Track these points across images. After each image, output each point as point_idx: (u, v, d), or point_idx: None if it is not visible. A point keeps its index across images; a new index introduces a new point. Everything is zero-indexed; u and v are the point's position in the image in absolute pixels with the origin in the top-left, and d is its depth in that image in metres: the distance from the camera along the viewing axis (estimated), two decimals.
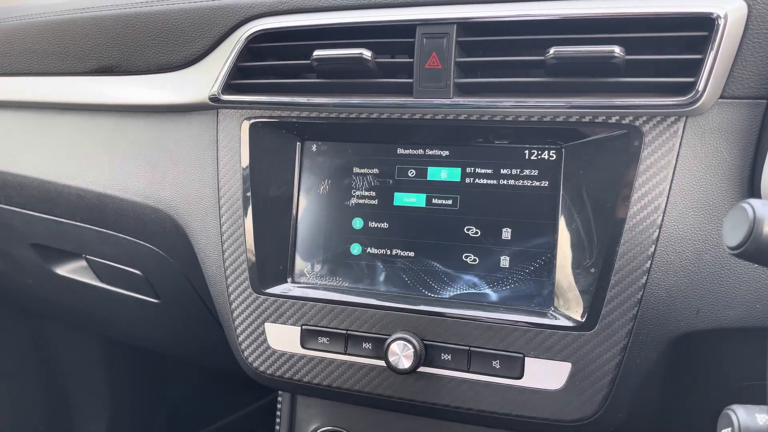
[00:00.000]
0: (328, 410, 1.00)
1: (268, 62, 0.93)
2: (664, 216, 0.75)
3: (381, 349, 0.84)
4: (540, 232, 0.83)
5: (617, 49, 0.72)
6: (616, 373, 0.77)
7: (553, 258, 0.82)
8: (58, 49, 1.09)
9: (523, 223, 0.84)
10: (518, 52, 0.82)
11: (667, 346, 0.78)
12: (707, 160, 0.75)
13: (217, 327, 1.02)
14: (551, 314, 0.80)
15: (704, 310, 0.75)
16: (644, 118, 0.76)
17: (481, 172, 0.86)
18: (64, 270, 1.33)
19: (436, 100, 0.83)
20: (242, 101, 0.93)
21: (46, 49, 1.11)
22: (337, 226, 0.92)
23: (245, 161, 0.93)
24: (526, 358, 0.80)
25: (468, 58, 0.82)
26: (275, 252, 0.93)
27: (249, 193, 0.92)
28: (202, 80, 0.96)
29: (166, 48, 1.00)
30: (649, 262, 0.75)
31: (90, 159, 1.09)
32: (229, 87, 0.94)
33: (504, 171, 0.85)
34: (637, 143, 0.76)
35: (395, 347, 0.82)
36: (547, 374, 0.79)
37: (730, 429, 0.49)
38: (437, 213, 0.87)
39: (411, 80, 0.83)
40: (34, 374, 1.81)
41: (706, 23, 0.72)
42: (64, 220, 1.17)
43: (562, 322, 0.79)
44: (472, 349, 0.82)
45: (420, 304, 0.85)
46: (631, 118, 0.76)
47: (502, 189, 0.85)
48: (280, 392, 1.04)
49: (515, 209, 0.84)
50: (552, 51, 0.75)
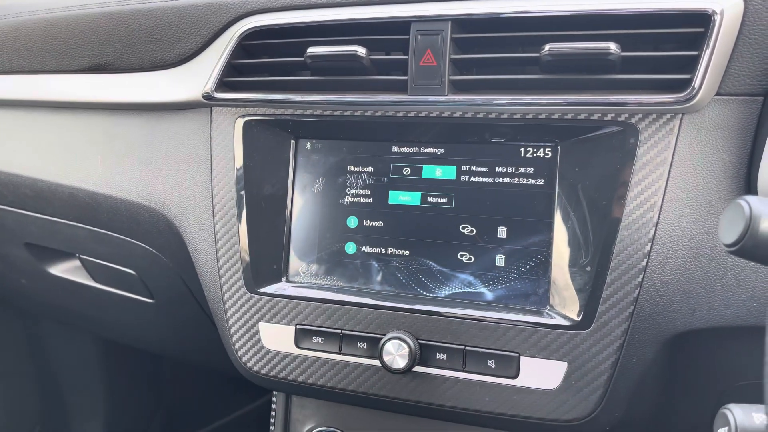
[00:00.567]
0: (323, 410, 1.00)
1: (261, 60, 0.93)
2: (660, 214, 0.75)
3: (376, 349, 0.84)
4: (535, 231, 0.82)
5: (613, 46, 0.72)
6: (612, 373, 0.77)
7: (549, 256, 0.81)
8: (51, 46, 1.08)
9: (518, 222, 0.83)
10: (513, 48, 0.82)
11: (664, 345, 0.77)
12: (703, 158, 0.74)
13: (212, 327, 1.01)
14: (547, 313, 0.80)
15: (700, 308, 0.75)
16: (640, 116, 0.76)
17: (477, 170, 0.85)
18: (58, 270, 1.32)
19: (430, 98, 0.82)
20: (236, 99, 0.92)
21: (38, 46, 1.10)
22: (332, 224, 0.91)
23: (239, 159, 0.93)
24: (521, 358, 0.79)
25: (463, 55, 0.81)
26: (269, 251, 0.93)
27: (243, 192, 0.92)
28: (196, 78, 0.96)
29: (159, 45, 0.99)
30: (646, 260, 0.75)
31: (83, 157, 1.08)
32: (222, 85, 0.93)
33: (499, 169, 0.84)
34: (633, 140, 0.76)
35: (390, 347, 0.82)
36: (542, 374, 0.79)
37: (726, 428, 0.49)
38: (432, 211, 0.87)
39: (406, 77, 0.83)
40: (30, 375, 1.80)
41: (702, 20, 0.71)
42: (57, 219, 1.17)
43: (558, 321, 0.79)
44: (467, 348, 0.82)
45: (415, 303, 0.85)
46: (627, 115, 0.76)
47: (498, 187, 0.84)
48: (274, 392, 1.03)
49: (511, 207, 0.83)
50: (547, 48, 0.74)
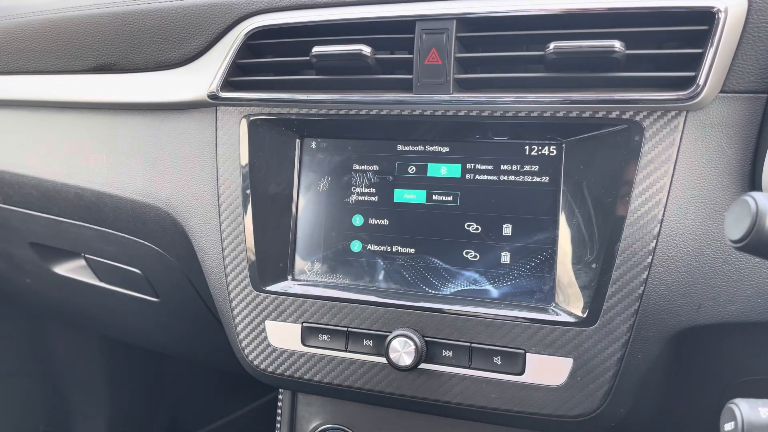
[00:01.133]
0: (329, 408, 1.00)
1: (267, 59, 0.93)
2: (665, 211, 0.75)
3: (382, 346, 0.84)
4: (541, 228, 0.83)
5: (617, 44, 0.72)
6: (617, 369, 0.77)
7: (554, 254, 0.81)
8: (56, 47, 1.09)
9: (523, 219, 0.83)
10: (518, 47, 0.82)
11: (669, 341, 0.78)
12: (708, 155, 0.74)
13: (218, 325, 1.01)
14: (552, 310, 0.80)
15: (706, 304, 0.75)
16: (645, 113, 0.76)
17: (482, 168, 0.86)
18: (63, 269, 1.33)
19: (435, 96, 0.82)
20: (241, 98, 0.93)
21: (43, 47, 1.10)
22: (337, 223, 0.92)
23: (244, 159, 0.93)
24: (527, 354, 0.80)
25: (468, 54, 0.82)
26: (275, 249, 0.93)
27: (248, 191, 0.92)
28: (201, 78, 0.96)
29: (165, 45, 1.00)
30: (651, 257, 0.75)
31: (88, 157, 1.09)
32: (227, 84, 0.93)
33: (504, 167, 0.85)
34: (637, 138, 0.76)
35: (396, 344, 0.82)
36: (548, 370, 0.79)
37: (733, 423, 0.49)
38: (437, 209, 0.87)
39: (410, 76, 0.83)
40: (34, 374, 1.81)
41: (706, 17, 0.71)
42: (62, 219, 1.17)
43: (564, 317, 0.79)
44: (473, 345, 0.82)
45: (421, 301, 0.85)
46: (632, 113, 0.76)
47: (503, 185, 0.85)
48: (280, 390, 1.03)
49: (516, 205, 0.84)
50: (552, 46, 0.74)
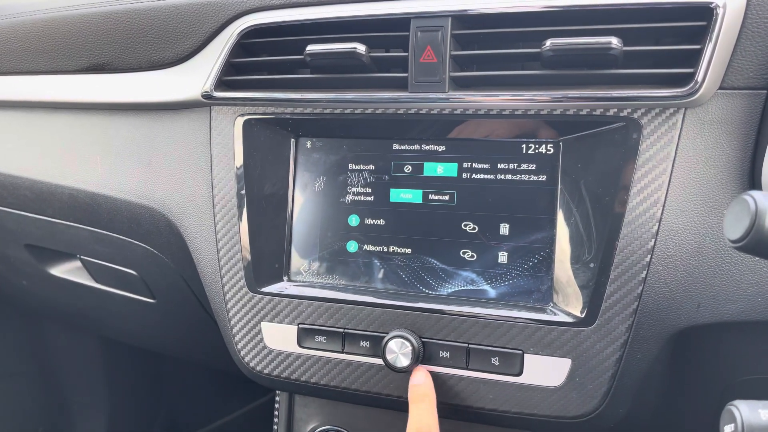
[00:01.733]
0: (326, 409, 0.99)
1: (260, 58, 0.92)
2: (663, 209, 0.74)
3: (379, 347, 0.84)
4: (538, 227, 0.82)
5: (614, 40, 0.71)
6: (616, 369, 0.76)
7: (552, 253, 0.81)
8: (49, 47, 1.08)
9: (521, 219, 0.83)
10: (514, 44, 0.81)
11: (668, 341, 0.77)
12: (707, 152, 0.74)
13: (214, 326, 1.01)
14: (550, 310, 0.80)
15: (705, 304, 0.74)
16: (642, 110, 0.75)
17: (478, 167, 0.85)
18: (59, 271, 1.32)
19: (431, 95, 0.81)
20: (235, 98, 0.92)
21: (36, 47, 1.09)
22: (333, 223, 0.91)
23: (239, 159, 0.92)
24: (525, 355, 0.79)
25: (463, 52, 0.81)
26: (271, 250, 0.92)
27: (243, 191, 0.91)
28: (195, 77, 0.95)
29: (158, 45, 0.99)
30: (649, 256, 0.74)
31: (82, 158, 1.08)
32: (221, 84, 0.93)
33: (501, 166, 0.84)
34: (635, 136, 0.75)
35: (393, 345, 0.81)
36: (546, 371, 0.78)
37: (732, 425, 0.48)
38: (434, 209, 0.86)
39: (406, 74, 0.82)
40: (33, 375, 1.80)
41: (704, 13, 0.71)
42: (57, 221, 1.16)
43: (562, 317, 0.78)
44: (470, 346, 0.81)
45: (417, 301, 0.84)
46: (629, 110, 0.75)
47: (500, 184, 0.84)
48: (277, 391, 1.03)
49: (513, 204, 0.83)
50: (548, 43, 0.73)
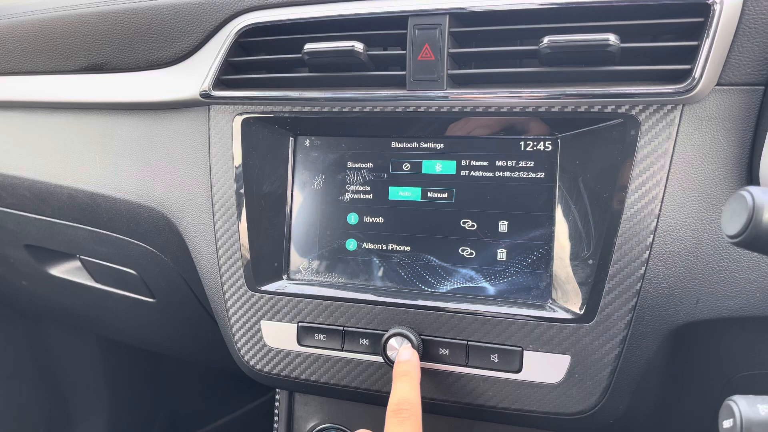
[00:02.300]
0: (326, 407, 1.00)
1: (258, 57, 0.92)
2: (661, 206, 0.74)
3: (378, 345, 0.84)
4: (537, 224, 0.82)
5: (612, 37, 0.72)
6: (615, 365, 0.76)
7: (551, 250, 0.81)
8: (47, 47, 1.08)
9: (519, 216, 0.83)
10: (512, 42, 0.81)
11: (667, 337, 0.77)
12: (705, 148, 0.74)
13: (214, 325, 1.01)
14: (549, 307, 0.80)
15: (703, 300, 0.74)
16: (640, 107, 0.75)
17: (477, 165, 0.85)
18: (59, 271, 1.32)
19: (429, 92, 0.81)
20: (233, 97, 0.92)
21: (34, 47, 1.09)
22: (332, 221, 0.91)
23: (238, 158, 0.92)
24: (524, 352, 0.79)
25: (461, 49, 0.81)
26: (270, 249, 0.92)
27: (242, 190, 0.91)
28: (193, 76, 0.95)
29: (156, 44, 0.99)
30: (648, 252, 0.74)
31: (81, 158, 1.08)
32: (220, 83, 0.93)
33: (499, 163, 0.84)
34: (633, 132, 0.75)
35: (393, 343, 0.82)
36: (546, 367, 0.79)
37: (731, 420, 0.48)
38: (433, 206, 0.86)
39: (404, 72, 0.82)
40: (33, 376, 1.80)
41: (701, 9, 0.71)
42: (56, 221, 1.16)
43: (561, 314, 0.78)
44: (470, 343, 0.81)
45: (417, 299, 0.85)
46: (627, 107, 0.76)
47: (498, 181, 0.84)
48: (277, 390, 1.03)
49: (511, 201, 0.83)
50: (546, 40, 0.74)
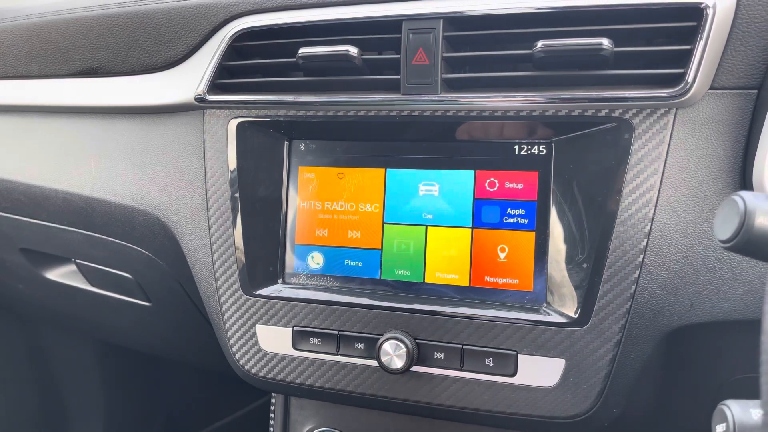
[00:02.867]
0: (321, 411, 0.99)
1: (253, 61, 0.92)
2: (655, 209, 0.74)
3: (373, 349, 0.84)
4: (531, 228, 0.82)
5: (605, 41, 0.72)
6: (610, 369, 0.76)
7: (545, 254, 0.81)
8: (42, 51, 1.08)
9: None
10: (506, 46, 0.81)
11: (661, 341, 0.77)
12: (698, 152, 0.74)
13: (209, 329, 1.01)
14: (544, 310, 0.80)
15: (697, 303, 0.75)
16: (634, 111, 0.75)
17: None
18: (55, 275, 1.32)
19: (423, 96, 0.82)
20: (228, 101, 0.92)
21: (29, 51, 1.09)
22: (327, 225, 0.91)
23: (233, 162, 0.92)
24: (519, 355, 0.79)
25: (455, 53, 0.81)
26: (265, 253, 0.92)
27: (237, 194, 0.91)
28: (188, 80, 0.95)
29: (151, 48, 0.99)
30: (642, 256, 0.74)
31: (76, 162, 1.08)
32: (214, 87, 0.93)
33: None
34: (627, 136, 0.75)
35: (387, 347, 0.81)
36: (540, 371, 0.79)
37: (724, 424, 0.48)
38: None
39: (398, 77, 0.82)
40: (30, 379, 1.80)
41: (694, 13, 0.71)
42: (51, 225, 1.16)
43: (555, 318, 0.78)
44: (464, 347, 0.81)
45: (412, 303, 0.84)
46: (621, 110, 0.76)
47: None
48: (273, 394, 1.03)
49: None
50: (539, 44, 0.74)
